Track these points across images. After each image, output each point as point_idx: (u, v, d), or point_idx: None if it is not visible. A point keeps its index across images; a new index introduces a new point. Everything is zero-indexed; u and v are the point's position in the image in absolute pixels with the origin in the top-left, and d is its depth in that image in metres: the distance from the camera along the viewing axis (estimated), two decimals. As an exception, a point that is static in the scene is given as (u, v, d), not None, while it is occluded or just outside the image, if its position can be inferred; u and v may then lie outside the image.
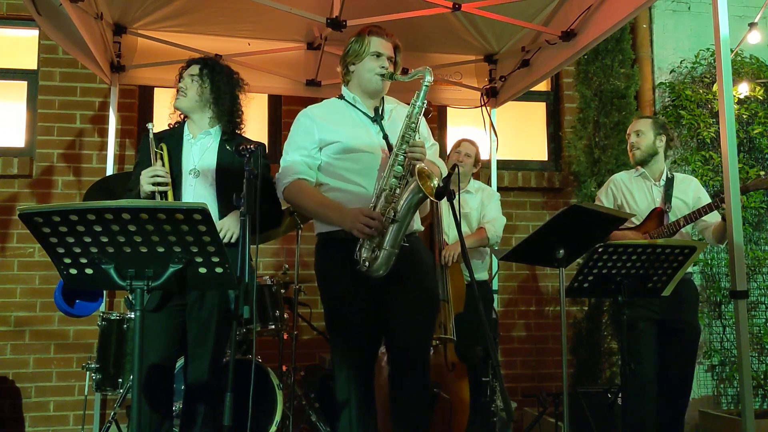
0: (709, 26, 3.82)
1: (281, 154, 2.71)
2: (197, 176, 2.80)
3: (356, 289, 2.51)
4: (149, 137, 2.81)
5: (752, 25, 4.99)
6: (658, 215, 3.45)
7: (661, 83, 5.43)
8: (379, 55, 2.66)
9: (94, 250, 1.90)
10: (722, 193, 2.84)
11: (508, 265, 5.08)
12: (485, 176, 4.89)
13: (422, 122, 2.64)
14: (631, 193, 3.58)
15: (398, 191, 2.49)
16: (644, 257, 2.73)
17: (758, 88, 5.27)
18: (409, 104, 2.60)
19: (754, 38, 5.03)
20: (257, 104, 4.64)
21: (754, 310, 5.24)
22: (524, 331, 5.22)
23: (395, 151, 2.53)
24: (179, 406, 2.96)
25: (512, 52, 4.43)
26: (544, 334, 5.21)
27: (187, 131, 2.90)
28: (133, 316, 3.59)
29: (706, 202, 3.41)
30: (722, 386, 5.20)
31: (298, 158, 2.63)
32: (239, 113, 2.94)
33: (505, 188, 5.12)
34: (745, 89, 5.22)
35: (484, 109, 4.63)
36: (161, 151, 2.80)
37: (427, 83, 2.56)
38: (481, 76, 4.76)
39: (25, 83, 4.85)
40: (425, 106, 2.57)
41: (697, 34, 5.47)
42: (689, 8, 5.52)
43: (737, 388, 5.02)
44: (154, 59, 4.30)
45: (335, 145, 2.62)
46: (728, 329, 5.20)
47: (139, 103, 4.98)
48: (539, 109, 5.59)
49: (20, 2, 4.53)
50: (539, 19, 3.99)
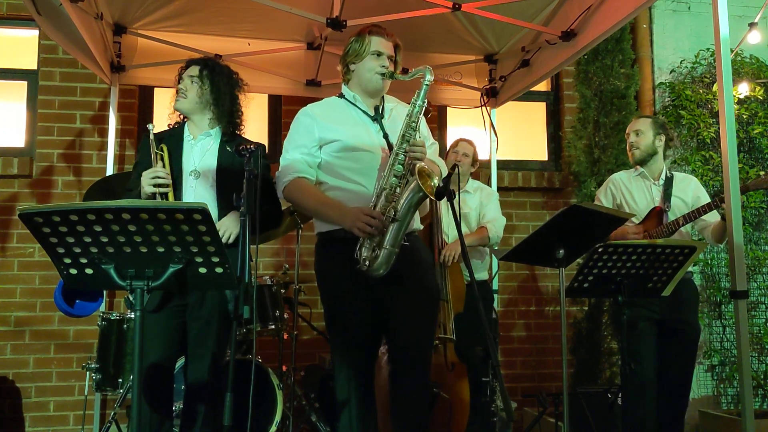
0: (709, 26, 3.82)
1: (281, 154, 2.70)
2: (197, 177, 2.80)
3: (356, 288, 2.51)
4: (150, 138, 2.81)
5: (752, 25, 4.99)
6: (657, 214, 3.45)
7: (661, 83, 5.43)
8: (379, 54, 2.66)
9: (94, 250, 1.90)
10: (722, 192, 2.84)
11: (508, 265, 5.07)
12: (485, 176, 4.89)
13: (422, 121, 2.65)
14: (630, 192, 3.58)
15: (398, 190, 2.49)
16: (644, 257, 2.73)
17: (758, 88, 5.27)
18: (409, 103, 2.60)
19: (754, 38, 5.03)
20: (257, 104, 4.62)
21: (754, 310, 5.24)
22: (524, 331, 5.22)
23: (395, 150, 2.52)
24: (179, 406, 2.96)
25: (512, 52, 4.43)
26: (544, 334, 5.20)
27: (187, 132, 2.89)
28: (133, 316, 3.59)
29: (705, 201, 3.41)
30: (722, 386, 5.20)
31: (298, 156, 2.62)
32: (239, 114, 2.94)
33: (505, 188, 5.12)
34: (745, 89, 5.22)
35: (484, 109, 4.63)
36: (161, 152, 2.80)
37: (427, 82, 2.56)
38: (481, 76, 4.76)
39: (25, 83, 4.85)
40: (425, 105, 2.58)
41: (697, 34, 5.47)
42: (689, 8, 5.52)
43: (737, 388, 5.02)
44: (154, 59, 4.29)
45: (335, 143, 2.61)
46: (728, 329, 5.20)
47: (139, 103, 4.98)
48: (539, 109, 5.59)
49: (20, 2, 4.53)
50: (539, 19, 3.99)
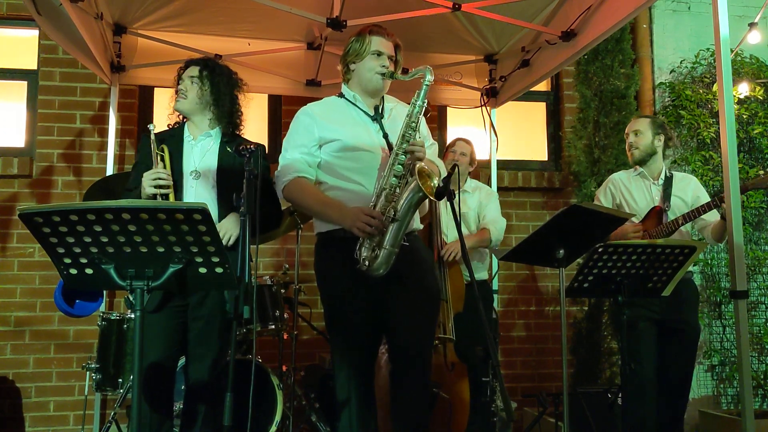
0: (709, 26, 3.82)
1: (281, 153, 2.70)
2: (198, 177, 2.80)
3: (356, 288, 2.51)
4: (150, 138, 2.80)
5: (752, 25, 4.98)
6: (657, 214, 3.45)
7: (661, 83, 5.43)
8: (379, 54, 2.66)
9: (94, 250, 1.90)
10: (722, 192, 2.84)
11: (508, 265, 5.07)
12: (485, 176, 4.89)
13: (422, 121, 2.64)
14: (630, 192, 3.58)
15: (398, 190, 2.49)
16: (644, 257, 2.73)
17: (758, 88, 5.27)
18: (409, 103, 2.60)
19: (754, 38, 5.03)
20: (257, 104, 4.63)
21: (754, 310, 5.24)
22: (524, 331, 5.22)
23: (395, 150, 2.52)
24: (179, 406, 2.96)
25: (512, 52, 4.43)
26: (544, 334, 5.20)
27: (187, 132, 2.89)
28: (133, 316, 3.59)
29: (705, 200, 3.41)
30: (722, 386, 5.20)
31: (297, 156, 2.62)
32: (239, 114, 2.93)
33: (505, 188, 5.12)
34: (745, 89, 5.22)
35: (484, 109, 4.63)
36: (162, 152, 2.80)
37: (427, 82, 2.56)
38: (481, 76, 4.76)
39: (25, 83, 4.85)
40: (425, 105, 2.58)
41: (697, 34, 5.47)
42: (689, 8, 5.52)
43: (737, 388, 5.02)
44: (154, 59, 4.29)
45: (335, 143, 2.61)
46: (728, 329, 5.20)
47: (139, 103, 4.98)
48: (539, 109, 5.58)
49: (20, 2, 4.53)
50: (539, 19, 3.99)
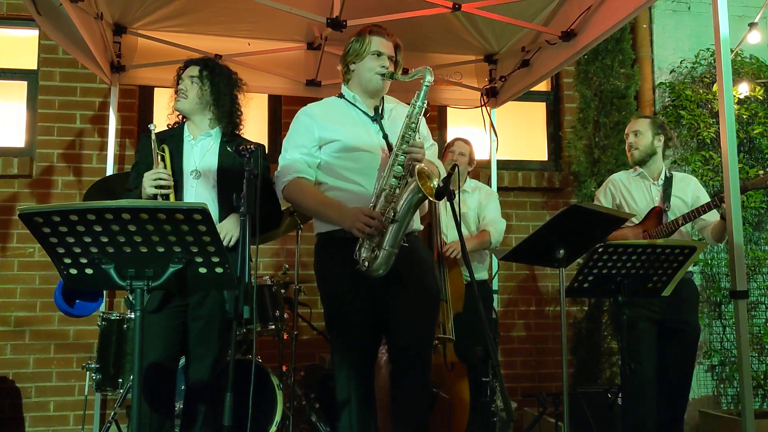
0: (709, 26, 3.82)
1: (281, 153, 2.70)
2: (198, 177, 2.80)
3: (356, 288, 2.51)
4: (151, 138, 2.80)
5: (752, 25, 4.98)
6: (657, 214, 3.45)
7: (661, 83, 5.43)
8: (379, 54, 2.65)
9: (94, 250, 1.90)
10: (722, 192, 2.84)
11: (508, 265, 5.07)
12: (485, 176, 4.90)
13: (422, 122, 2.64)
14: (629, 192, 3.58)
15: (398, 191, 2.49)
16: (644, 257, 2.73)
17: (758, 88, 5.27)
18: (409, 104, 2.60)
19: (754, 38, 5.03)
20: (257, 104, 4.64)
21: (754, 310, 5.24)
22: (524, 331, 5.22)
23: (395, 151, 2.52)
24: (180, 406, 2.96)
25: (512, 52, 4.43)
26: (544, 334, 5.20)
27: (187, 132, 2.89)
28: (133, 316, 3.59)
29: (704, 200, 3.41)
30: (722, 386, 5.20)
31: (297, 156, 2.62)
32: (239, 114, 2.94)
33: (505, 188, 5.12)
34: (745, 89, 5.22)
35: (484, 109, 4.63)
36: (163, 152, 2.79)
37: (427, 83, 2.56)
38: (481, 76, 4.76)
39: (25, 83, 4.85)
40: (425, 106, 2.58)
41: (697, 34, 5.47)
42: (689, 8, 5.52)
43: (737, 388, 5.02)
44: (154, 59, 4.29)
45: (335, 143, 2.61)
46: (728, 329, 5.20)
47: (139, 103, 4.98)
48: (539, 109, 5.58)
49: (20, 2, 4.53)
50: (539, 19, 3.99)
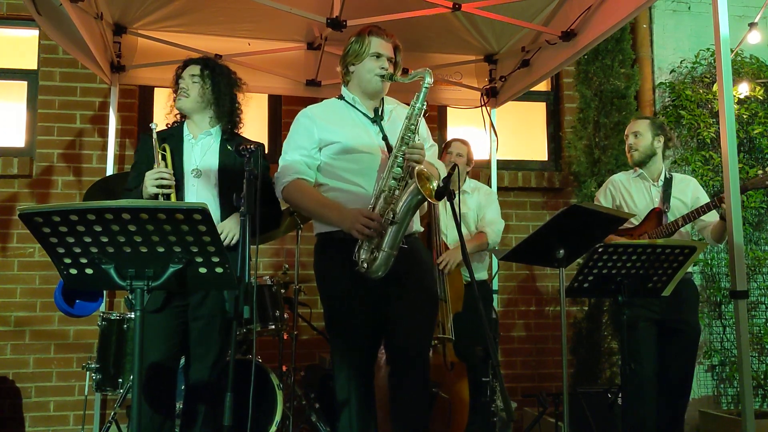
0: (709, 26, 3.82)
1: (281, 154, 2.70)
2: (199, 176, 2.80)
3: (356, 289, 2.51)
4: (153, 137, 2.80)
5: (752, 25, 4.98)
6: (656, 215, 3.45)
7: (661, 83, 5.43)
8: (379, 55, 2.65)
9: (94, 250, 1.90)
10: (722, 192, 2.84)
11: (507, 265, 5.07)
12: (485, 176, 4.90)
13: (422, 123, 2.65)
14: (629, 193, 3.58)
15: (397, 192, 2.49)
16: (644, 257, 2.73)
17: (758, 88, 5.26)
18: (409, 105, 2.60)
19: (754, 38, 5.03)
20: (257, 104, 4.63)
21: (754, 310, 5.24)
22: (524, 331, 5.22)
23: (394, 152, 2.53)
24: (180, 406, 2.96)
25: (512, 52, 4.43)
26: (544, 334, 5.20)
27: (187, 131, 2.89)
28: (133, 316, 3.59)
29: (704, 201, 3.41)
30: (722, 386, 5.20)
31: (297, 158, 2.63)
32: (238, 113, 2.94)
33: (505, 188, 5.12)
34: (745, 89, 5.22)
35: (484, 109, 4.63)
36: (164, 151, 2.80)
37: (426, 85, 2.56)
38: (481, 76, 4.76)
39: (25, 83, 4.85)
40: (425, 107, 2.58)
41: (697, 34, 5.47)
42: (689, 8, 5.52)
43: (737, 388, 5.02)
44: (154, 59, 4.29)
45: (335, 145, 2.61)
46: (728, 329, 5.20)
47: (139, 103, 4.98)
48: (539, 109, 5.58)
49: (20, 2, 4.53)
50: (539, 19, 3.99)
